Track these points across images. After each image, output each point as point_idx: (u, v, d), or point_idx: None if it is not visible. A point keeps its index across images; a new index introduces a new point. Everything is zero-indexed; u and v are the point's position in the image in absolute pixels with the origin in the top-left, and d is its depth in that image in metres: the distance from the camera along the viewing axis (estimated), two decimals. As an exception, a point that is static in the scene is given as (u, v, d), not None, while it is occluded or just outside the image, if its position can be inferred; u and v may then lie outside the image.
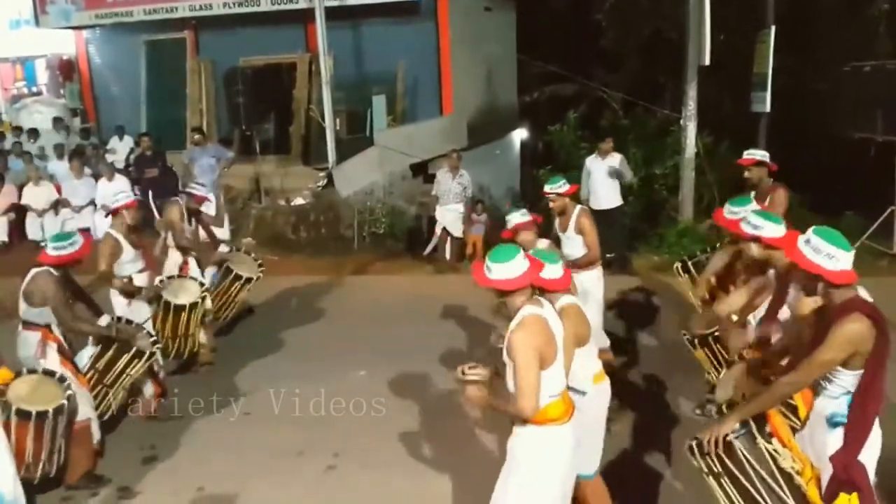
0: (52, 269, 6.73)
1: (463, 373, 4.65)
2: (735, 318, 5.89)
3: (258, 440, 7.69)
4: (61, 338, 6.90)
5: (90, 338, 7.23)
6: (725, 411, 5.34)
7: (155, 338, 7.67)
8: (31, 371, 6.24)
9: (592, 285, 8.13)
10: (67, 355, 6.96)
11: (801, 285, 4.74)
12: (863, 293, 4.19)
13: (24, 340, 6.82)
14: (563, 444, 4.61)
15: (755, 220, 5.47)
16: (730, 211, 6.44)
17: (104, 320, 7.27)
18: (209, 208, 13.77)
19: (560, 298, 5.14)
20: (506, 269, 4.43)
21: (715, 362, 6.73)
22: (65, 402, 6.00)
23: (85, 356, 7.19)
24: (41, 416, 5.85)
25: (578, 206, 8.31)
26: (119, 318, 7.53)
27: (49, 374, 6.27)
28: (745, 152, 8.45)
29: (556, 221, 8.44)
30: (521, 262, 4.46)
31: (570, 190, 8.24)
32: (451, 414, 7.39)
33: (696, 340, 6.79)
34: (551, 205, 8.29)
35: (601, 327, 8.32)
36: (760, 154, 8.34)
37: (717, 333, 6.51)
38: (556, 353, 4.51)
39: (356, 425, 7.84)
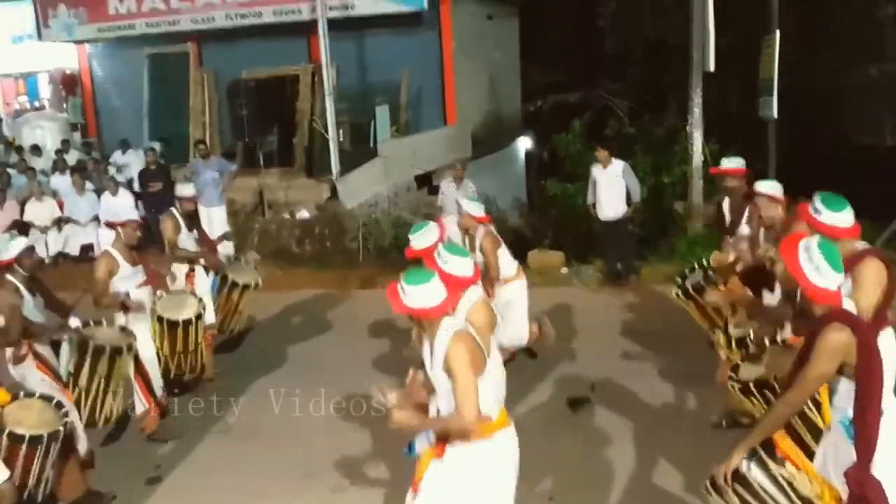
0: (9, 277, 6.76)
1: (384, 397, 4.70)
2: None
3: (264, 461, 7.57)
4: (36, 345, 6.88)
5: (64, 344, 7.15)
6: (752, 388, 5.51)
7: (131, 332, 7.60)
8: (29, 395, 6.13)
9: (516, 295, 8.94)
10: (45, 362, 6.92)
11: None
12: (847, 305, 4.14)
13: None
14: (513, 446, 4.68)
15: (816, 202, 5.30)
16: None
17: (73, 322, 7.24)
18: (218, 219, 13.79)
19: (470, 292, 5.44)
20: (423, 294, 4.41)
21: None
22: (60, 428, 5.88)
23: (62, 363, 7.12)
24: (34, 440, 5.73)
25: (482, 228, 8.79)
26: (87, 323, 7.45)
27: (47, 399, 6.15)
28: (726, 161, 8.68)
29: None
30: (439, 288, 4.46)
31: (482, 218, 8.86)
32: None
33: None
34: (459, 221, 9.05)
35: (527, 329, 9.08)
36: (737, 162, 8.51)
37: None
38: (486, 360, 4.53)
39: (365, 445, 7.71)
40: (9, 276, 6.81)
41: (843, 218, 4.98)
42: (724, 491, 4.30)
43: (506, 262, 8.91)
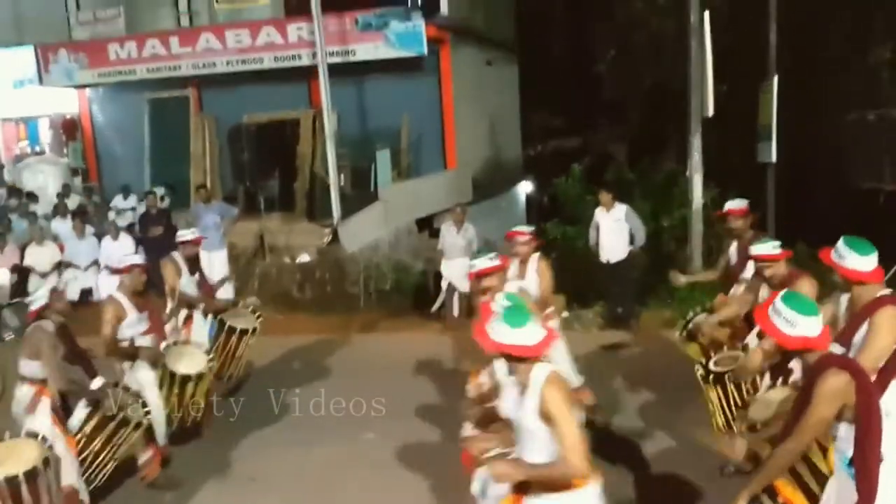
0: (43, 324, 6.72)
1: (479, 448, 4.61)
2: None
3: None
4: (56, 396, 6.82)
5: (82, 400, 7.09)
6: (759, 428, 5.57)
7: (148, 409, 7.54)
8: (14, 436, 6.12)
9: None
10: (59, 415, 6.86)
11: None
12: (834, 349, 4.25)
13: (20, 396, 6.78)
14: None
15: (840, 248, 5.32)
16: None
17: (97, 383, 7.17)
18: (219, 263, 13.77)
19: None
20: (520, 334, 4.26)
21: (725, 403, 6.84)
22: (39, 465, 5.82)
23: (76, 419, 7.06)
24: (10, 481, 5.69)
25: (538, 253, 8.60)
26: (116, 384, 7.40)
27: (32, 435, 6.12)
28: (729, 203, 8.69)
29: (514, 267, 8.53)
30: (537, 330, 4.32)
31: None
32: (465, 475, 7.18)
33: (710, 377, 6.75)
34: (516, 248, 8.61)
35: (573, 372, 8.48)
36: (739, 203, 8.57)
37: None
38: None
39: (366, 489, 7.65)
40: (44, 323, 6.77)
41: (867, 262, 5.01)
42: None
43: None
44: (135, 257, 8.44)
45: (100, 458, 7.09)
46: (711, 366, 6.72)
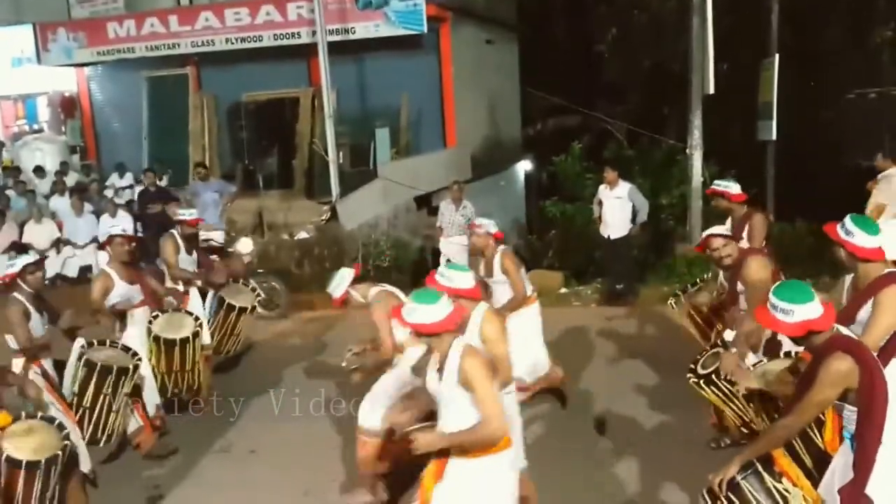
0: (16, 295, 6.80)
1: (395, 424, 5.17)
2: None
3: (263, 479, 7.54)
4: (45, 364, 6.92)
5: (69, 363, 7.15)
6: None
7: (137, 354, 7.58)
8: (31, 416, 6.07)
9: (530, 322, 8.27)
10: (52, 382, 6.92)
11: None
12: (844, 331, 4.26)
13: (14, 368, 6.78)
14: (514, 467, 4.94)
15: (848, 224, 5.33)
16: None
17: (78, 342, 7.23)
18: (217, 241, 13.78)
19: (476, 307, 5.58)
20: (429, 312, 4.55)
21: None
22: (59, 452, 5.81)
23: (66, 382, 7.11)
24: (32, 465, 5.67)
25: (501, 247, 8.21)
26: (91, 343, 7.41)
27: (49, 420, 6.10)
28: (716, 182, 8.68)
29: (481, 267, 8.33)
30: (445, 306, 4.59)
31: (497, 234, 8.26)
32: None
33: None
34: (473, 239, 8.34)
35: (546, 356, 8.49)
36: (724, 185, 8.45)
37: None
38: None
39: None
40: (16, 294, 6.80)
41: (875, 240, 5.02)
42: (717, 498, 4.35)
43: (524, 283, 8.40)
44: (114, 229, 8.44)
45: (98, 412, 7.13)
46: (699, 370, 6.74)
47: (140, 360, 7.59)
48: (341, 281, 6.88)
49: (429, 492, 4.72)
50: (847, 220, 5.14)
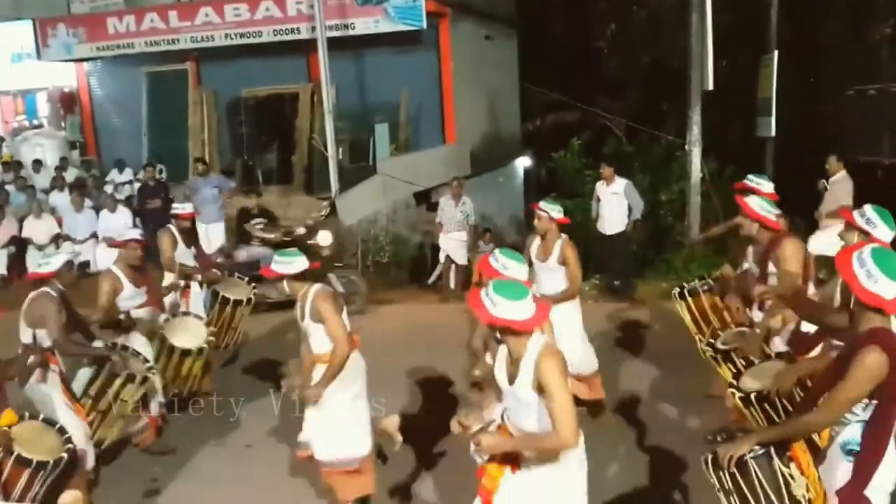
0: (49, 290, 6.70)
1: (462, 425, 4.63)
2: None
3: (260, 474, 7.56)
4: (61, 363, 6.85)
5: (84, 362, 7.15)
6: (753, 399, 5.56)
7: (150, 363, 7.57)
8: (33, 417, 6.08)
9: (572, 316, 7.71)
10: (66, 382, 6.88)
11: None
12: (893, 325, 4.03)
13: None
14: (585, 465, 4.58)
15: (870, 214, 5.35)
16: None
17: (97, 344, 7.22)
18: (216, 236, 13.82)
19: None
20: (516, 309, 4.21)
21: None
22: (64, 455, 5.82)
23: (79, 383, 7.10)
24: (40, 466, 5.68)
25: (563, 236, 7.75)
26: (114, 345, 7.42)
27: (50, 423, 6.11)
28: (749, 177, 8.30)
29: (535, 247, 7.93)
30: (531, 303, 4.26)
31: (562, 220, 7.72)
32: (460, 448, 7.21)
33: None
34: (536, 222, 7.80)
35: (592, 354, 8.01)
36: (757, 181, 8.14)
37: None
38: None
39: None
40: (48, 290, 6.77)
41: (892, 235, 5.07)
42: (721, 469, 4.26)
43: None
44: (133, 232, 8.40)
45: (107, 418, 7.14)
46: (719, 345, 6.72)
47: (154, 371, 7.60)
48: (291, 262, 6.31)
49: (492, 493, 4.52)
50: (868, 209, 5.34)
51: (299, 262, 6.18)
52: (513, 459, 4.47)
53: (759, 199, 6.72)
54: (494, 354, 4.62)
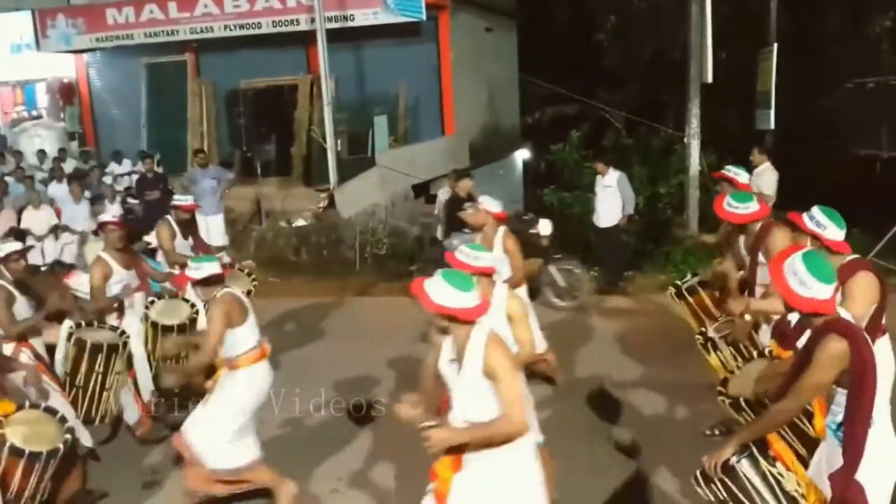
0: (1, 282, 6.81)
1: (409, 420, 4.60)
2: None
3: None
4: (35, 345, 6.97)
5: (59, 345, 7.25)
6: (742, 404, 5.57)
7: (125, 332, 7.58)
8: (34, 406, 6.09)
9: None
10: (45, 362, 6.98)
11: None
12: (843, 313, 4.19)
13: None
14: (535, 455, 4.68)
15: (819, 216, 5.35)
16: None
17: (66, 323, 7.29)
18: (216, 227, 13.82)
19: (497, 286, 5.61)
20: (464, 298, 4.31)
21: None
22: (60, 445, 5.83)
23: (58, 363, 7.18)
24: (34, 456, 5.69)
25: (502, 227, 8.01)
26: (80, 325, 7.43)
27: (51, 411, 6.11)
28: (727, 167, 8.32)
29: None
30: (477, 293, 4.40)
31: (499, 214, 8.00)
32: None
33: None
34: (470, 217, 8.17)
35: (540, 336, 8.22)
36: (734, 171, 8.15)
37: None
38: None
39: (363, 448, 7.72)
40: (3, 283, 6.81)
41: (842, 233, 5.09)
42: (711, 482, 4.32)
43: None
44: (104, 216, 8.46)
45: (91, 390, 7.19)
46: (710, 333, 6.75)
47: (128, 337, 7.58)
48: (203, 267, 6.42)
49: (446, 483, 4.52)
50: (816, 210, 5.29)
51: (208, 268, 6.31)
52: (456, 452, 4.47)
53: (727, 196, 6.84)
54: (438, 347, 4.64)
